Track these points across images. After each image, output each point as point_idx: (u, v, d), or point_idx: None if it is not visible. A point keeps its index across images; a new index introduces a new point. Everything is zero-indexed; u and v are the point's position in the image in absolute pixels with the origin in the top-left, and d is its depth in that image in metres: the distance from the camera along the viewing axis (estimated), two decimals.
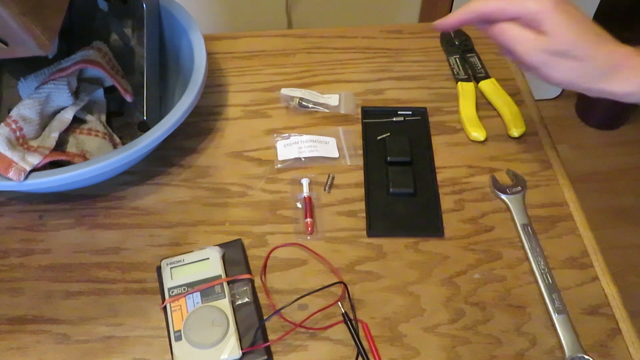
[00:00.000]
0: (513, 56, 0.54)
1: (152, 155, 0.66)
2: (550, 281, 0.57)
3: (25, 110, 0.60)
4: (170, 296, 0.55)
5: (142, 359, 0.53)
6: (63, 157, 0.60)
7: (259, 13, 1.59)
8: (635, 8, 2.15)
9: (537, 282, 0.57)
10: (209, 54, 0.69)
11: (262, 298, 0.56)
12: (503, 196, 0.64)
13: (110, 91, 0.68)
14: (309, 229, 0.61)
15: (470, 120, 0.70)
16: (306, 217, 0.62)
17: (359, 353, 0.52)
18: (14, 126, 0.59)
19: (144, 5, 0.64)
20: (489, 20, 0.54)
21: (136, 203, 0.64)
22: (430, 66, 0.78)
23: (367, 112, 0.72)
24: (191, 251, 0.58)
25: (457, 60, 0.78)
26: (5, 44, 0.50)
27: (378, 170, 0.66)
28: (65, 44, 0.69)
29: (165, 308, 0.55)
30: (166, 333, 0.54)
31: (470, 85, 0.74)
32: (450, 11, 1.56)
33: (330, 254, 0.59)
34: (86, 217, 0.63)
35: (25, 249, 0.60)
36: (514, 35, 0.52)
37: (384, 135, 0.70)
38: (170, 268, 0.57)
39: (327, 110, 0.72)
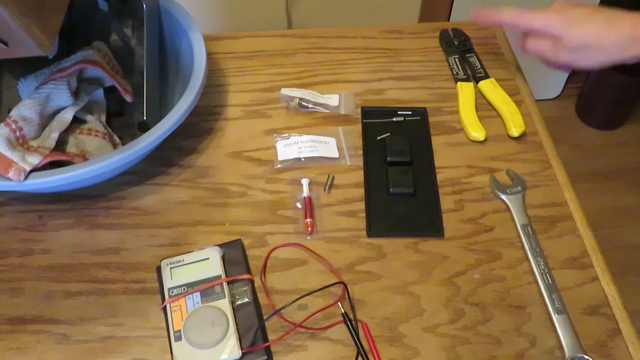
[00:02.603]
0: (548, 64, 0.67)
1: (152, 155, 0.66)
2: (550, 281, 0.57)
3: (25, 110, 0.60)
4: (170, 296, 0.55)
5: (142, 359, 0.53)
6: (63, 157, 0.60)
7: (259, 13, 1.59)
8: (635, 8, 2.14)
9: (537, 282, 0.57)
10: (209, 54, 0.69)
11: (262, 298, 0.56)
12: (503, 196, 0.64)
13: (110, 91, 0.68)
14: (309, 229, 0.61)
15: (469, 120, 0.70)
16: (306, 217, 0.62)
17: (358, 353, 0.52)
18: (14, 126, 0.59)
19: (144, 5, 0.64)
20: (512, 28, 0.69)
21: (136, 203, 0.64)
22: (430, 66, 0.78)
23: (367, 112, 0.72)
24: (191, 251, 0.58)
25: (457, 60, 0.78)
26: (5, 44, 0.50)
27: (378, 170, 0.66)
28: (65, 44, 0.69)
29: (165, 308, 0.55)
30: (166, 333, 0.54)
31: (469, 85, 0.74)
32: (450, 11, 1.56)
33: (330, 254, 0.59)
34: (86, 217, 0.63)
35: (25, 249, 0.60)
36: (539, 48, 0.66)
37: (384, 135, 0.70)
38: (170, 268, 0.57)
39: (327, 111, 0.72)
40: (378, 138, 0.70)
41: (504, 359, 0.53)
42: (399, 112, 0.72)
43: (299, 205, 0.63)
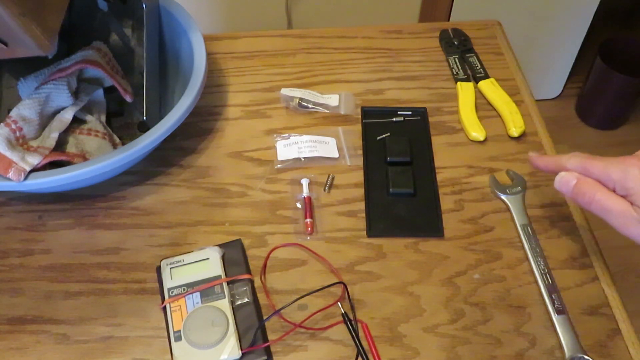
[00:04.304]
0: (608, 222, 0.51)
1: (152, 155, 0.66)
2: (550, 281, 0.57)
3: (25, 110, 0.60)
4: (170, 296, 0.55)
5: (142, 359, 0.53)
6: (63, 157, 0.60)
7: (259, 13, 1.59)
8: (635, 8, 2.15)
9: (537, 282, 0.57)
10: (209, 54, 0.69)
11: (262, 298, 0.56)
12: (503, 196, 0.64)
13: (110, 91, 0.68)
14: (309, 229, 0.61)
15: (469, 120, 0.70)
16: (306, 217, 0.62)
17: (358, 353, 0.52)
18: (13, 126, 0.59)
19: (144, 6, 0.64)
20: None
21: (136, 203, 0.64)
22: (430, 66, 0.78)
23: (367, 112, 0.72)
24: (191, 251, 0.58)
25: (457, 60, 0.78)
26: (5, 44, 0.50)
27: (378, 171, 0.66)
28: (65, 44, 0.69)
29: (165, 308, 0.55)
30: (166, 333, 0.54)
31: (469, 85, 0.74)
32: (450, 11, 1.56)
33: (330, 254, 0.59)
34: (86, 217, 0.63)
35: (25, 249, 0.60)
36: (607, 209, 0.50)
37: (383, 135, 0.70)
38: (170, 268, 0.57)
39: (327, 111, 0.72)
40: (378, 138, 0.70)
41: (504, 359, 0.53)
42: (399, 112, 0.72)
43: (299, 205, 0.63)
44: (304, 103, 0.72)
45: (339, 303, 0.55)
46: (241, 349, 0.51)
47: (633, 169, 0.48)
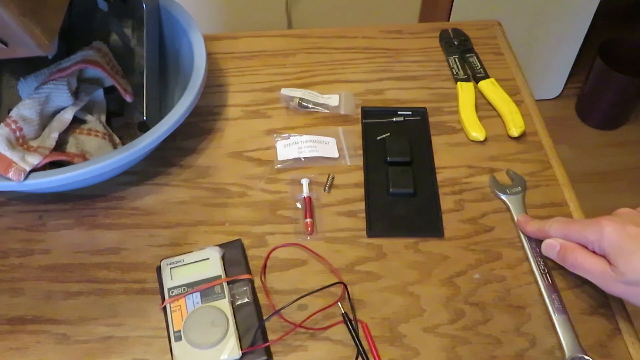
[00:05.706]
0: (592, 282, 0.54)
1: (152, 155, 0.66)
2: (550, 281, 0.57)
3: (25, 110, 0.60)
4: (170, 296, 0.55)
5: (142, 359, 0.53)
6: (63, 157, 0.60)
7: (259, 13, 1.59)
8: (635, 8, 2.15)
9: (537, 282, 0.57)
10: (209, 54, 0.69)
11: (262, 298, 0.56)
12: (503, 196, 0.64)
13: (110, 91, 0.68)
14: (309, 229, 0.61)
15: (469, 120, 0.70)
16: (306, 217, 0.62)
17: (358, 353, 0.52)
18: (13, 126, 0.59)
19: (144, 6, 0.64)
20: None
21: (136, 203, 0.64)
22: (430, 66, 0.78)
23: (367, 112, 0.72)
24: (191, 251, 0.58)
25: (457, 60, 0.78)
26: (5, 44, 0.50)
27: (378, 171, 0.66)
28: (65, 44, 0.69)
29: (165, 308, 0.55)
30: (166, 333, 0.54)
31: (469, 85, 0.74)
32: (450, 11, 1.56)
33: (330, 254, 0.59)
34: (86, 217, 0.63)
35: (25, 249, 0.60)
36: (588, 271, 0.52)
37: (383, 136, 0.70)
38: (170, 268, 0.57)
39: (327, 111, 0.72)
40: (378, 138, 0.70)
41: (504, 359, 0.53)
42: (399, 112, 0.72)
43: (299, 205, 0.63)
44: (304, 103, 0.72)
45: (339, 303, 0.55)
46: (241, 349, 0.51)
47: (607, 228, 0.50)
